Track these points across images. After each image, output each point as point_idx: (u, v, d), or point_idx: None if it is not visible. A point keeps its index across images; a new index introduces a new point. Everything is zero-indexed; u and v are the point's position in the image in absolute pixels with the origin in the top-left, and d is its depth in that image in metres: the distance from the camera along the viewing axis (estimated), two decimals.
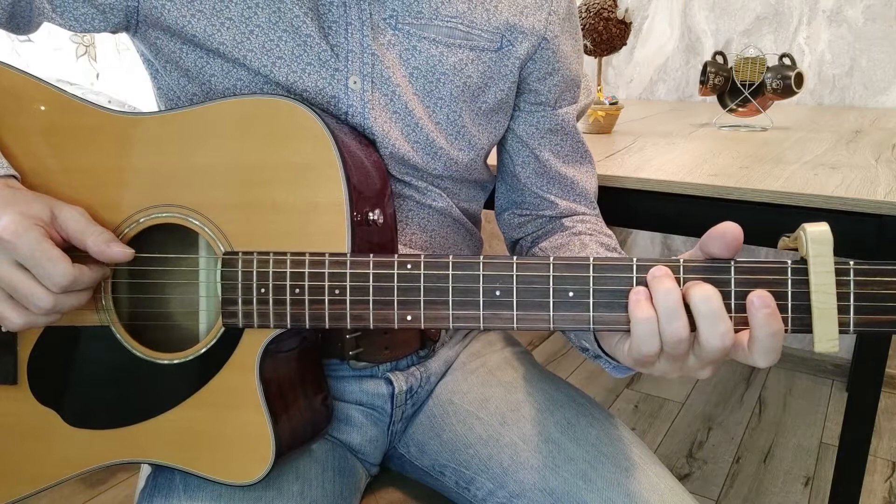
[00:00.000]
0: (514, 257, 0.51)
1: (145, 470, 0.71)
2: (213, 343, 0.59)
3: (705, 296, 0.47)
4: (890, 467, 1.72)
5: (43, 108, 0.61)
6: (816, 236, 0.46)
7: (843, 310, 0.47)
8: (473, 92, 0.72)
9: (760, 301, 0.47)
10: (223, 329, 0.58)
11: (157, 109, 0.72)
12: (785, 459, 1.76)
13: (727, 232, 0.48)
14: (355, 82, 0.66)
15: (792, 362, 2.21)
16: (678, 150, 1.19)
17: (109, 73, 2.30)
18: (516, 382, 0.76)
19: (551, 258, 0.51)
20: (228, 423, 0.60)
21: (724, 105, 1.46)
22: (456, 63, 0.70)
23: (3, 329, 0.57)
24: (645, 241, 2.35)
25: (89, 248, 0.56)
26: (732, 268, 0.48)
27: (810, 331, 0.47)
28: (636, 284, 0.49)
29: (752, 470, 1.72)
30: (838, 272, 0.46)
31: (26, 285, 0.53)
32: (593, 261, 0.50)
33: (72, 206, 0.57)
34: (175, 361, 0.60)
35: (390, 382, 0.74)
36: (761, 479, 1.69)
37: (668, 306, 0.48)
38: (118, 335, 0.61)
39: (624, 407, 2.00)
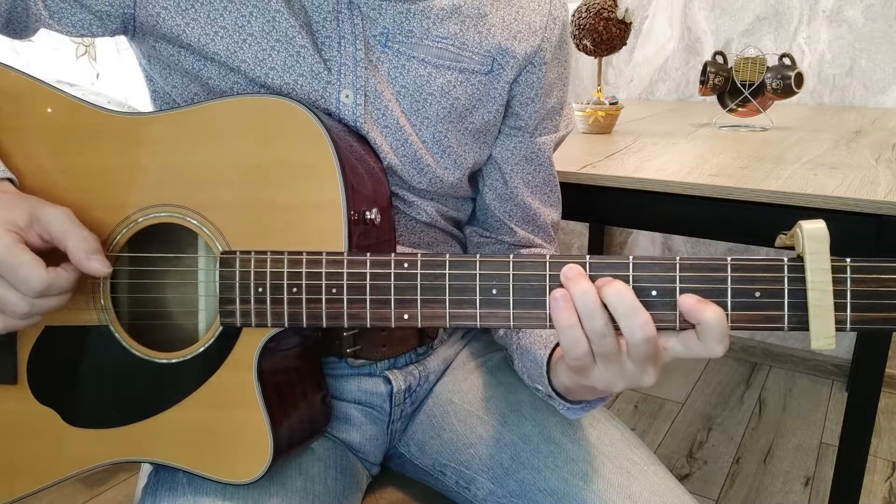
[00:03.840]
0: (511, 255, 0.51)
1: (146, 467, 0.71)
2: (211, 342, 0.59)
3: (618, 293, 0.48)
4: (890, 467, 1.72)
5: (41, 109, 0.61)
6: (812, 233, 0.46)
7: (839, 307, 0.47)
8: (460, 113, 0.71)
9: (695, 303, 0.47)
10: (221, 328, 0.58)
11: (155, 109, 0.72)
12: (785, 459, 1.76)
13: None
14: (347, 96, 0.66)
15: (792, 362, 2.21)
16: (678, 150, 1.19)
17: (109, 73, 2.30)
18: (517, 382, 0.76)
19: (547, 256, 0.51)
20: (226, 422, 0.60)
21: (724, 105, 1.46)
22: (444, 84, 0.69)
23: None
24: (645, 241, 2.35)
25: (69, 255, 0.54)
26: (728, 266, 0.48)
27: (807, 328, 0.47)
28: (632, 282, 0.49)
29: (752, 470, 1.72)
30: (835, 269, 0.46)
31: (1, 290, 0.52)
32: (589, 259, 0.50)
33: (56, 207, 0.55)
34: (173, 361, 0.60)
35: (389, 381, 0.74)
36: (761, 479, 1.69)
37: (587, 306, 0.48)
38: (117, 335, 0.61)
39: (624, 407, 2.00)
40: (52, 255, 0.54)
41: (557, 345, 0.62)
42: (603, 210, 1.05)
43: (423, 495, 0.78)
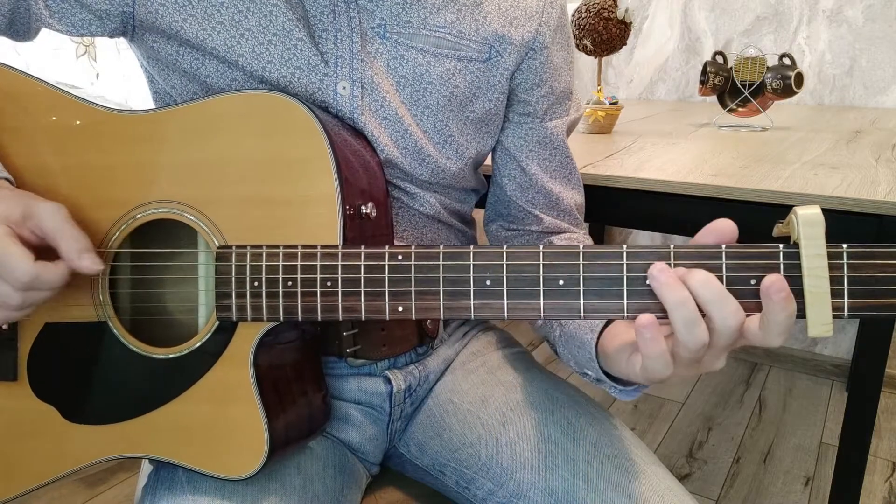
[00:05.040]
0: (504, 246, 0.51)
1: (147, 466, 0.71)
2: (207, 337, 0.59)
3: (705, 281, 0.47)
4: (890, 467, 1.72)
5: (41, 108, 0.61)
6: (807, 219, 0.45)
7: (836, 293, 0.46)
8: (461, 102, 0.72)
9: (776, 286, 0.45)
10: (217, 323, 0.59)
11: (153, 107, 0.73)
12: (785, 459, 1.76)
13: (724, 230, 0.48)
14: (344, 88, 0.66)
15: (792, 362, 2.21)
16: (678, 150, 1.19)
17: (109, 73, 2.30)
18: (516, 382, 0.76)
19: (541, 247, 0.51)
20: (223, 418, 0.60)
21: (724, 105, 1.46)
22: (443, 73, 0.70)
23: None
24: (645, 241, 2.35)
25: (61, 254, 0.55)
26: (724, 253, 0.48)
27: (803, 316, 0.46)
28: (626, 272, 0.49)
29: (752, 470, 1.72)
30: (831, 255, 0.46)
31: None
32: (583, 248, 0.50)
33: (50, 203, 0.55)
34: (170, 356, 0.60)
35: (388, 381, 0.74)
36: (761, 479, 1.69)
37: (687, 318, 0.47)
38: (115, 330, 0.61)
39: (624, 407, 2.00)
40: (47, 251, 0.55)
41: (603, 329, 0.61)
42: (603, 210, 1.05)
43: (423, 495, 0.78)
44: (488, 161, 0.83)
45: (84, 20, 0.66)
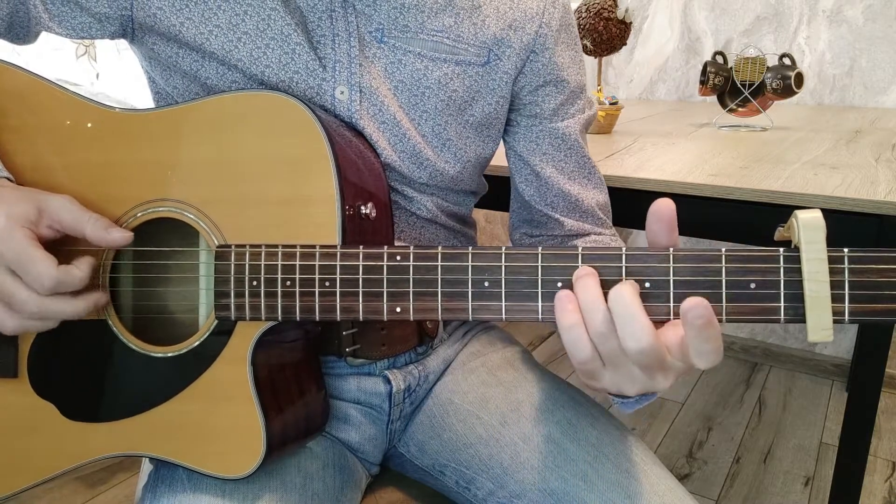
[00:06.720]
0: (503, 248, 0.51)
1: (147, 466, 0.71)
2: (206, 336, 0.59)
3: (617, 295, 0.46)
4: (890, 467, 1.72)
5: (43, 106, 0.62)
6: (808, 222, 0.44)
7: (837, 298, 0.45)
8: (459, 106, 0.72)
9: (695, 312, 0.43)
10: (216, 322, 0.59)
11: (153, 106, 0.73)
12: (785, 459, 1.76)
13: (661, 209, 0.47)
14: (342, 92, 0.67)
15: (792, 362, 2.21)
16: (678, 150, 1.19)
17: (109, 73, 2.30)
18: (516, 382, 0.76)
19: (540, 249, 0.50)
20: (220, 416, 0.60)
21: (724, 105, 1.46)
22: (441, 77, 0.70)
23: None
24: (645, 242, 2.35)
25: (88, 236, 0.55)
26: (723, 256, 0.47)
27: (804, 321, 0.45)
28: (625, 275, 0.48)
29: (752, 470, 1.72)
30: (832, 260, 0.45)
31: (12, 288, 0.53)
32: (582, 251, 0.49)
33: (59, 196, 0.56)
34: (169, 354, 0.60)
35: (388, 381, 0.74)
36: (761, 479, 1.69)
37: (587, 300, 0.47)
38: (115, 329, 0.61)
39: None
40: (62, 253, 0.55)
41: None
42: None
43: (423, 495, 0.78)
44: (503, 161, 0.82)
45: (84, 23, 0.66)
